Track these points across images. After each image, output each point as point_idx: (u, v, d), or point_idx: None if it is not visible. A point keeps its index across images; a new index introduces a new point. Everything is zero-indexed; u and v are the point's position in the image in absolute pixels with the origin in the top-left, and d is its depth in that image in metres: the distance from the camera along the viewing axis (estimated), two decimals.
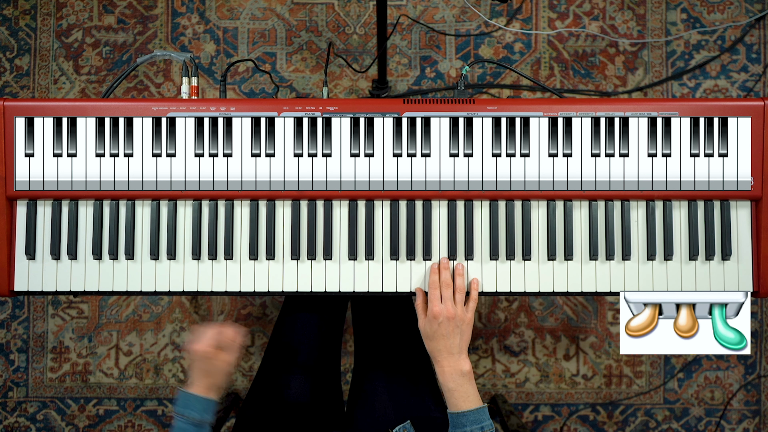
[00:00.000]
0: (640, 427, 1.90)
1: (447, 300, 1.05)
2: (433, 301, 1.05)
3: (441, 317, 1.03)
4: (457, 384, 1.02)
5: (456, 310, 1.04)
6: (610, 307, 1.90)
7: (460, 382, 1.02)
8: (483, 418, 1.00)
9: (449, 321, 1.03)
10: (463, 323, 1.05)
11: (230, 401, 1.77)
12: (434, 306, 1.04)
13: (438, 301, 1.05)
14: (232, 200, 1.10)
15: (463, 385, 1.02)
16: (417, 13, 1.94)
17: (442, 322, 1.03)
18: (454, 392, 1.02)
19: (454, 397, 1.02)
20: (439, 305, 1.04)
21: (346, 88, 1.93)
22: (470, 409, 1.00)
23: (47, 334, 1.90)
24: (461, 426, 1.00)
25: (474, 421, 1.00)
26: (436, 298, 1.05)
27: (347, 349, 1.87)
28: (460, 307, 1.05)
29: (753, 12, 1.92)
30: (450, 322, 1.03)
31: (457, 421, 1.01)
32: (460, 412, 1.01)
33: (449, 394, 1.02)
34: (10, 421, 1.90)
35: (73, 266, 1.10)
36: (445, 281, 1.06)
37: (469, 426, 1.00)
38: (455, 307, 1.05)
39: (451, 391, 1.02)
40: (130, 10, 1.94)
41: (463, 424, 1.00)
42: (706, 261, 1.10)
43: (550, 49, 1.94)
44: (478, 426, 1.00)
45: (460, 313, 1.05)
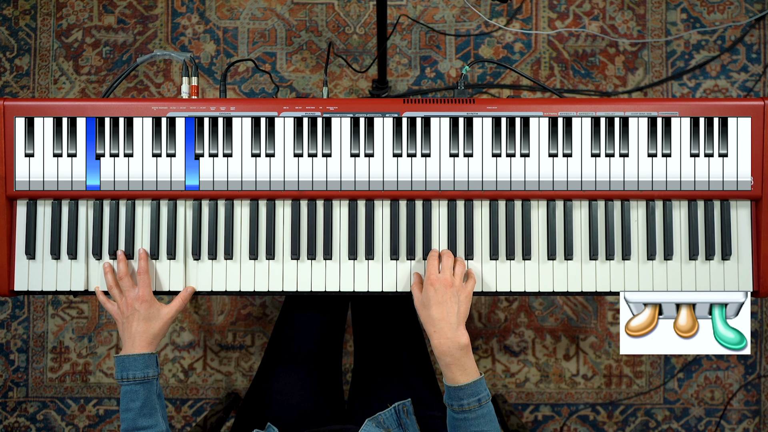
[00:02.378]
0: (640, 427, 1.90)
1: (446, 268, 1.02)
2: (431, 270, 1.02)
3: (438, 284, 1.01)
4: (455, 358, 0.98)
5: (455, 279, 1.02)
6: (610, 307, 1.90)
7: (458, 355, 0.98)
8: (480, 389, 0.97)
9: (446, 288, 1.01)
10: (462, 294, 1.02)
11: (230, 401, 1.77)
12: (431, 274, 1.02)
13: (436, 271, 1.03)
14: (231, 200, 1.10)
15: (461, 358, 0.98)
16: (417, 13, 1.94)
17: (438, 288, 1.01)
18: (452, 366, 0.98)
19: (451, 371, 0.98)
20: (437, 273, 1.02)
21: (346, 88, 1.93)
22: (468, 383, 0.97)
23: (47, 334, 1.90)
24: (458, 399, 0.97)
25: (471, 393, 0.97)
26: (435, 267, 1.03)
27: (347, 349, 1.87)
28: (459, 278, 1.03)
29: (753, 12, 1.92)
30: (447, 289, 1.01)
31: (454, 394, 0.97)
32: (457, 385, 0.97)
33: (446, 369, 0.99)
34: (10, 421, 1.90)
35: (73, 266, 1.10)
36: (445, 251, 1.05)
37: (466, 399, 0.96)
38: (454, 277, 1.02)
39: (448, 366, 0.98)
40: (130, 10, 1.94)
41: (459, 397, 0.97)
42: (706, 261, 1.10)
43: (550, 49, 1.94)
44: (475, 398, 0.97)
45: (458, 283, 1.02)
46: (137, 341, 1.03)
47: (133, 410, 0.99)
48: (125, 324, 1.05)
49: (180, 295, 1.08)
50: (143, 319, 1.04)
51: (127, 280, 1.06)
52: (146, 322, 1.04)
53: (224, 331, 1.90)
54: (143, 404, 1.00)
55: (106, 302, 1.08)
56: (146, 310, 1.04)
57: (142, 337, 1.03)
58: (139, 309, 1.04)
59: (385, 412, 1.10)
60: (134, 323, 1.04)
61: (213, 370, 1.90)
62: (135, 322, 1.04)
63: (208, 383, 1.91)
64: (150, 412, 1.00)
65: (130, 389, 1.00)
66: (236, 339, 1.90)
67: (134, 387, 1.00)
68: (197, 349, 1.91)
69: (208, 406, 1.90)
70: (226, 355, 1.90)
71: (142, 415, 0.99)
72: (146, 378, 1.01)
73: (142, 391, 1.00)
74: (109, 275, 1.08)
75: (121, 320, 1.06)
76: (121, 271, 1.07)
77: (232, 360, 1.90)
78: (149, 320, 1.04)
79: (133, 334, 1.03)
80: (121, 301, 1.06)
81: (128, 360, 1.01)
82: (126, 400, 1.00)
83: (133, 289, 1.06)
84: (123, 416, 1.00)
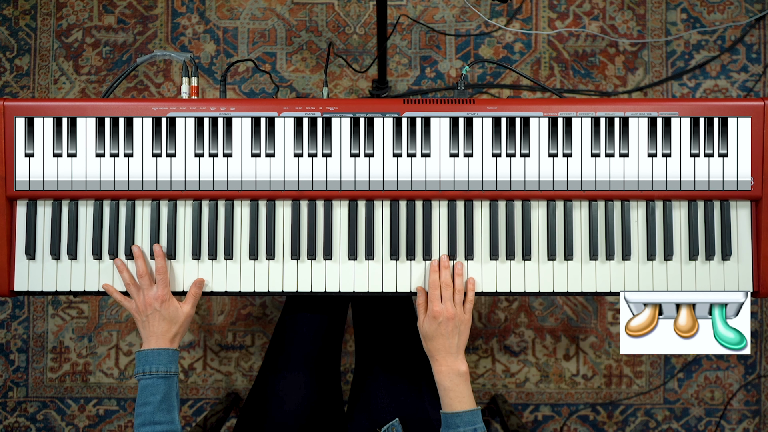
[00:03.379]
0: (640, 427, 1.90)
1: (447, 300, 1.05)
2: (433, 301, 1.06)
3: (441, 317, 1.04)
4: (453, 384, 1.03)
5: (455, 310, 1.05)
6: (610, 307, 1.90)
7: (457, 382, 1.03)
8: (476, 420, 1.01)
9: (449, 321, 1.04)
10: (462, 323, 1.06)
11: (230, 401, 1.77)
12: (435, 306, 1.05)
13: (438, 301, 1.05)
14: (232, 200, 1.10)
15: (459, 385, 1.03)
16: (417, 13, 1.94)
17: (442, 322, 1.04)
18: (450, 392, 1.02)
19: (449, 396, 1.02)
20: (440, 305, 1.05)
21: (346, 88, 1.93)
22: (464, 411, 1.01)
23: (47, 334, 1.90)
24: (454, 426, 1.01)
25: (468, 422, 1.00)
26: (437, 298, 1.06)
27: (347, 349, 1.87)
28: (459, 307, 1.06)
29: (753, 12, 1.92)
30: (449, 323, 1.04)
31: (451, 422, 1.01)
32: (454, 412, 1.01)
33: (444, 393, 1.03)
34: (10, 421, 1.90)
35: (73, 266, 1.10)
36: (444, 282, 1.06)
37: (463, 427, 1.00)
38: (454, 307, 1.05)
39: (446, 390, 1.03)
40: (130, 10, 1.94)
41: (456, 425, 1.01)
42: (706, 261, 1.10)
43: (550, 49, 1.94)
44: (471, 428, 1.00)
45: (459, 313, 1.05)
46: (160, 339, 1.04)
47: (152, 404, 0.99)
48: (145, 322, 1.06)
49: (191, 291, 1.09)
50: (164, 319, 1.05)
51: (147, 278, 1.07)
52: (168, 322, 1.05)
53: (224, 331, 1.90)
54: (163, 399, 1.00)
55: (123, 300, 1.08)
56: (166, 309, 1.05)
57: (165, 336, 1.05)
58: (159, 309, 1.05)
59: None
60: (155, 323, 1.05)
61: (213, 370, 1.90)
62: (156, 321, 1.05)
63: (208, 383, 1.91)
64: (168, 408, 1.01)
65: (152, 383, 1.00)
66: (236, 339, 1.90)
67: (156, 381, 1.00)
68: (197, 349, 1.91)
69: (208, 406, 1.90)
70: (226, 355, 1.90)
71: (160, 410, 0.99)
72: (168, 373, 1.02)
73: (163, 386, 1.01)
74: (125, 273, 1.07)
75: (140, 318, 1.06)
76: (140, 269, 1.07)
77: (232, 360, 1.90)
78: (170, 320, 1.05)
79: (156, 332, 1.04)
80: (140, 299, 1.06)
81: (152, 354, 1.02)
82: (145, 394, 1.00)
83: (152, 287, 1.06)
84: (140, 410, 1.00)
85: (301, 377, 1.25)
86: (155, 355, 1.02)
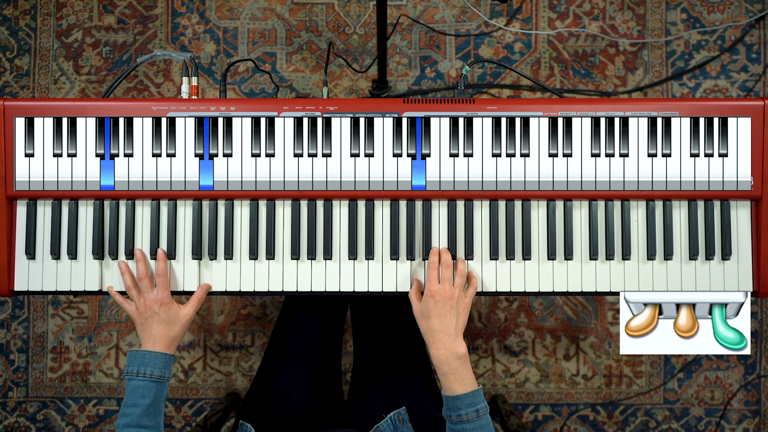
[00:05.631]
0: (640, 427, 1.90)
1: (446, 281, 1.03)
2: (431, 281, 1.03)
3: (438, 296, 1.01)
4: (452, 367, 0.99)
5: (454, 291, 1.03)
6: (610, 307, 1.90)
7: (456, 365, 0.99)
8: (478, 400, 0.98)
9: (446, 300, 1.01)
10: (461, 305, 1.03)
11: (230, 401, 1.77)
12: (432, 285, 1.02)
13: (436, 281, 1.03)
14: (231, 200, 1.10)
15: (459, 368, 0.99)
16: (417, 13, 1.94)
17: (438, 301, 1.01)
18: (449, 375, 0.99)
19: (448, 380, 0.99)
20: (437, 285, 1.02)
21: (346, 88, 1.93)
22: (465, 393, 0.98)
23: (47, 334, 1.90)
24: (456, 409, 0.98)
25: (469, 404, 0.97)
26: (435, 278, 1.03)
27: (347, 349, 1.87)
28: (459, 289, 1.03)
29: (753, 12, 1.92)
30: (447, 302, 1.01)
31: (452, 404, 0.98)
32: (455, 395, 0.98)
33: (444, 378, 1.00)
34: (10, 421, 1.90)
35: (73, 266, 1.10)
36: (445, 261, 1.04)
37: (464, 409, 0.97)
38: (453, 288, 1.03)
39: (445, 375, 1.00)
40: (130, 10, 1.94)
41: (458, 407, 0.98)
42: (706, 261, 1.10)
43: (550, 49, 1.94)
44: (473, 409, 0.97)
45: (458, 294, 1.03)
46: (158, 343, 1.03)
47: (140, 407, 0.98)
48: (144, 325, 1.05)
49: (196, 295, 1.08)
50: (163, 322, 1.04)
51: (147, 281, 1.06)
52: (167, 325, 1.04)
53: (224, 331, 1.90)
54: (152, 403, 0.99)
55: (123, 302, 1.08)
56: (165, 312, 1.04)
57: (163, 340, 1.04)
58: (158, 312, 1.04)
59: (383, 423, 1.11)
60: (154, 326, 1.04)
61: (213, 370, 1.90)
62: (155, 324, 1.04)
63: (208, 383, 1.91)
64: (155, 412, 1.00)
65: (144, 385, 0.99)
66: (236, 339, 1.90)
67: (149, 384, 1.00)
68: (197, 349, 1.91)
69: (208, 406, 1.90)
70: (226, 355, 1.90)
71: (147, 414, 0.99)
72: (162, 378, 1.01)
73: (154, 390, 1.00)
74: (126, 275, 1.07)
75: (140, 321, 1.06)
76: (140, 272, 1.06)
77: (232, 360, 1.90)
78: (169, 323, 1.05)
79: (154, 335, 1.04)
80: (140, 302, 1.06)
81: (149, 356, 1.01)
82: (135, 396, 0.99)
83: (152, 290, 1.06)
84: (126, 411, 0.99)
85: (300, 377, 1.25)
86: (152, 357, 1.01)
